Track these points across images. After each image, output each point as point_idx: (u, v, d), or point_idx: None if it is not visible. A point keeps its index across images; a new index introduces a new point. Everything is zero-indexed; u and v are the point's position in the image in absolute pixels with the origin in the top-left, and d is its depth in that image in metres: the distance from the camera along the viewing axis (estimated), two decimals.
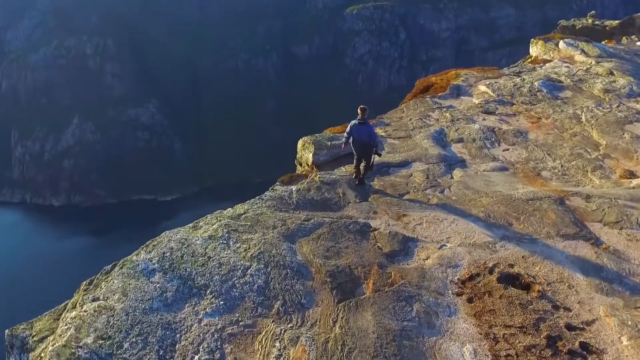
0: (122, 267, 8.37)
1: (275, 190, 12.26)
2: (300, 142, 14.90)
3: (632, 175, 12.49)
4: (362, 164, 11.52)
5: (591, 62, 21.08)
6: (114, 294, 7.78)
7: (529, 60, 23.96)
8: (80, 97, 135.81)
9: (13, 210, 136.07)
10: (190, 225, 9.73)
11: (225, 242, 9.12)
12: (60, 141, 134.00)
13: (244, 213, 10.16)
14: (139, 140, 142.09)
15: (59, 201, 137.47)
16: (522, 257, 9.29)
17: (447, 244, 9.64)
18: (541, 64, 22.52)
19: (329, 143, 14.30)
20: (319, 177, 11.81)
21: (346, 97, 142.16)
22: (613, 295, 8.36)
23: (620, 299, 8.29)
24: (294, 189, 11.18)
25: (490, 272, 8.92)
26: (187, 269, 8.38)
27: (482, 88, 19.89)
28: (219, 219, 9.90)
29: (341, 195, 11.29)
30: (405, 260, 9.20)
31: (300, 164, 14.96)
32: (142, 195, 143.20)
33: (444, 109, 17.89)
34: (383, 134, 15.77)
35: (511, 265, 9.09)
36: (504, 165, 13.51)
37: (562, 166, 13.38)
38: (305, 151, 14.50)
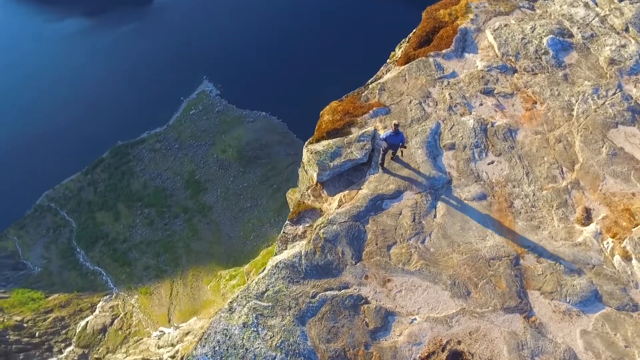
0: None
1: (288, 234, 14.95)
2: (305, 156, 16.50)
3: (588, 218, 14.74)
4: (390, 156, 16.11)
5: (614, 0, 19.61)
6: None
7: None
8: None
9: None
10: (226, 308, 13.05)
11: (255, 329, 12.65)
12: None
13: (266, 291, 13.30)
14: None
15: None
16: (469, 333, 12.89)
17: (416, 318, 13.10)
18: None
19: (331, 164, 15.96)
20: (323, 232, 14.31)
21: None
22: None
23: None
24: (302, 254, 13.92)
25: (443, 349, 12.69)
26: None
27: (490, 38, 19.39)
28: (247, 299, 13.13)
29: (340, 255, 14.08)
30: (384, 337, 12.86)
31: (306, 172, 16.87)
32: None
33: (445, 82, 18.25)
34: (385, 128, 17.09)
35: (459, 342, 12.78)
36: (484, 192, 15.53)
37: (534, 194, 15.41)
38: (310, 168, 16.28)
